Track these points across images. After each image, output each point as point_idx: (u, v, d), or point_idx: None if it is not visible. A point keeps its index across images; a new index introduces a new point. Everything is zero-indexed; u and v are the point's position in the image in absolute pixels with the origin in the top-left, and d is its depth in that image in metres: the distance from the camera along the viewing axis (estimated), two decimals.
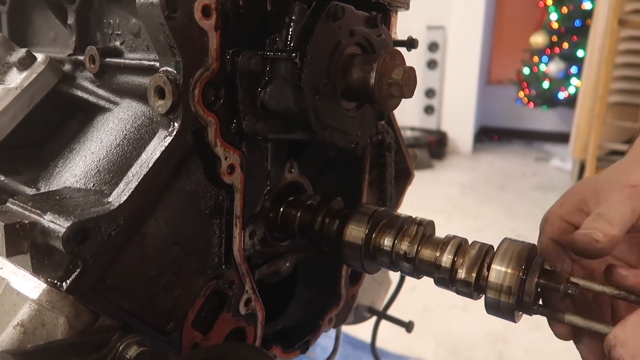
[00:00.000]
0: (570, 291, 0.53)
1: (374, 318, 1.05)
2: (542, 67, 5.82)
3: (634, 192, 0.59)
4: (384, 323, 1.05)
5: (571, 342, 0.58)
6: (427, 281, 0.73)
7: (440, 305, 2.75)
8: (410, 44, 0.73)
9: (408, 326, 0.97)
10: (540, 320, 0.58)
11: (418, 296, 2.63)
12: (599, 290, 0.53)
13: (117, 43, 0.62)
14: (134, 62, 0.59)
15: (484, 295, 0.58)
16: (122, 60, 0.60)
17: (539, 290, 0.55)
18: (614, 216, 0.56)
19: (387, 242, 0.64)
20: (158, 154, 0.49)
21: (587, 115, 3.85)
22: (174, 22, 0.47)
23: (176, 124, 0.50)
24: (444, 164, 5.95)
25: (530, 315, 0.57)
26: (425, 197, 4.43)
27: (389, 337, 1.04)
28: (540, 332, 2.44)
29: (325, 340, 0.83)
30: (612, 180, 0.62)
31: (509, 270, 0.55)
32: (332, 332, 0.83)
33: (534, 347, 2.41)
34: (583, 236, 0.54)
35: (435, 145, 6.07)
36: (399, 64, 0.61)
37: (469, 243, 0.61)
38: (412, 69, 0.62)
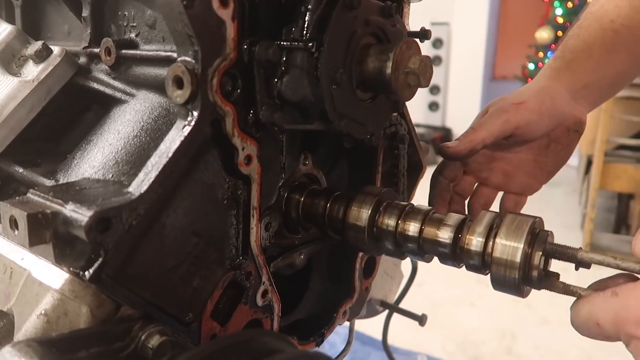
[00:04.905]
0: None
1: (384, 313, 1.05)
2: None
3: (513, 107, 0.77)
4: (391, 319, 1.05)
5: (581, 337, 0.56)
6: (435, 277, 0.73)
7: (447, 300, 2.74)
8: (423, 35, 0.73)
9: (421, 319, 0.97)
10: (549, 316, 0.58)
11: (425, 291, 2.63)
12: (612, 265, 0.52)
13: (133, 35, 0.62)
14: (150, 53, 0.59)
15: (489, 271, 0.57)
16: (138, 52, 0.60)
17: (546, 264, 0.55)
18: (482, 128, 0.76)
19: (390, 221, 0.64)
20: (177, 144, 0.49)
21: (594, 110, 3.82)
22: (193, 10, 0.47)
23: (195, 114, 0.50)
24: None
25: (539, 289, 0.56)
26: None
27: (396, 332, 1.04)
28: (549, 327, 2.44)
29: (332, 335, 0.83)
30: (508, 98, 0.80)
31: (514, 244, 0.54)
32: (339, 328, 0.83)
33: (542, 342, 2.40)
34: (442, 148, 0.78)
35: (440, 142, 6.05)
36: (415, 53, 0.61)
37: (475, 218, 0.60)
38: (428, 58, 0.62)
